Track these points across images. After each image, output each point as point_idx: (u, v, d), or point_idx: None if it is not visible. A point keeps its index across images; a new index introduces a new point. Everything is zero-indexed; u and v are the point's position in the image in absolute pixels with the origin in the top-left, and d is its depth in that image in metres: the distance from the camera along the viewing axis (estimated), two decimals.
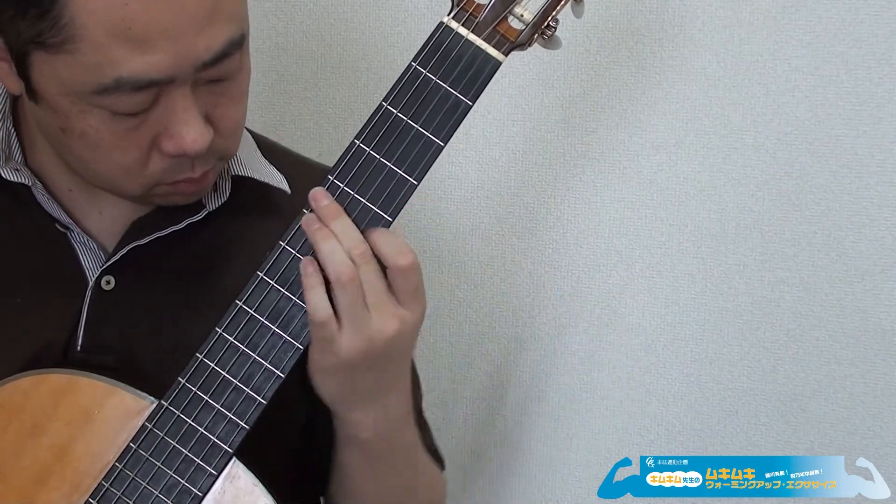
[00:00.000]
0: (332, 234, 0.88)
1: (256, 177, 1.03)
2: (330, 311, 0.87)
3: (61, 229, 0.99)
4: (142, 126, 0.88)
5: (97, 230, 1.00)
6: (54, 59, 0.84)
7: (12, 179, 0.98)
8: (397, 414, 0.96)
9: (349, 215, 0.89)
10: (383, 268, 0.89)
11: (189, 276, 1.01)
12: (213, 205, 1.01)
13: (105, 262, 0.98)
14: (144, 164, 0.91)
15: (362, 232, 0.89)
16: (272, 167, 1.06)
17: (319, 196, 0.89)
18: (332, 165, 1.11)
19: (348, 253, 0.87)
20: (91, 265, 0.99)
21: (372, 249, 0.88)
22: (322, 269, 0.88)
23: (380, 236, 0.88)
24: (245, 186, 1.02)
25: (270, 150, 1.08)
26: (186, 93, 0.87)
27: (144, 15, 0.82)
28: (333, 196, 0.90)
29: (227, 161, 0.99)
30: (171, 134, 0.89)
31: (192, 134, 0.89)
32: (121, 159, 0.91)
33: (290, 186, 1.05)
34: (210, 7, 0.84)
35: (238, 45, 0.88)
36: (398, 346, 0.90)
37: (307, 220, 0.89)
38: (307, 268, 0.88)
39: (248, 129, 1.08)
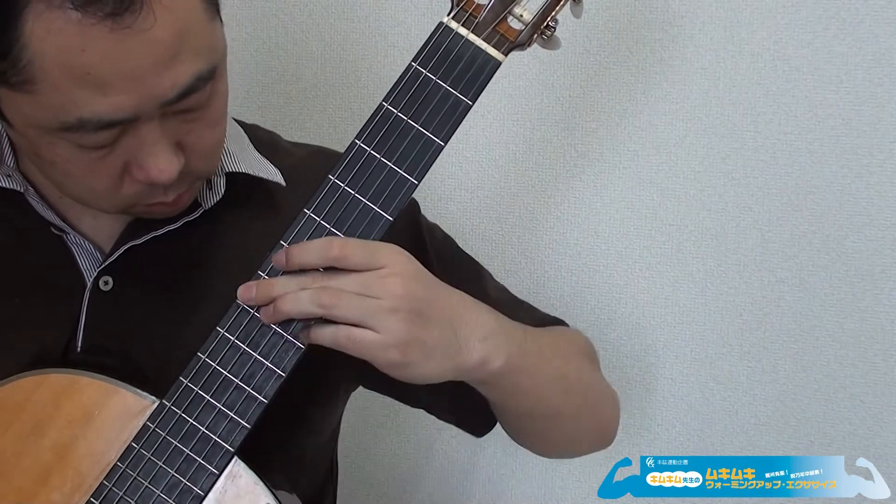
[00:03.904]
0: (283, 296, 0.87)
1: (250, 172, 1.02)
2: (354, 333, 0.87)
3: (57, 232, 0.99)
4: (110, 156, 0.88)
5: (93, 232, 1.00)
6: (17, 97, 0.84)
7: (4, 185, 0.98)
8: (491, 321, 0.94)
9: (350, 215, 0.90)
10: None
11: (186, 274, 1.01)
12: (208, 203, 1.00)
13: (102, 263, 0.98)
14: (117, 189, 0.91)
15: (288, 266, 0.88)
16: (266, 160, 1.05)
17: (244, 294, 0.89)
18: (321, 147, 1.12)
19: (306, 289, 0.87)
20: (88, 267, 0.99)
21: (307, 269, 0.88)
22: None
23: (296, 255, 0.88)
24: (239, 182, 1.02)
25: (262, 143, 1.08)
26: (154, 126, 0.87)
27: (103, 60, 0.81)
28: (334, 197, 0.90)
29: (206, 178, 0.99)
30: (139, 164, 0.88)
31: (159, 165, 0.88)
32: (92, 185, 0.90)
33: (284, 178, 1.04)
34: (172, 46, 0.83)
35: (206, 78, 0.87)
36: (418, 288, 0.88)
37: (264, 313, 0.89)
38: (312, 335, 0.88)
39: (238, 122, 1.08)
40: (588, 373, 1.09)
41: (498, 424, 1.13)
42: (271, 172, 1.04)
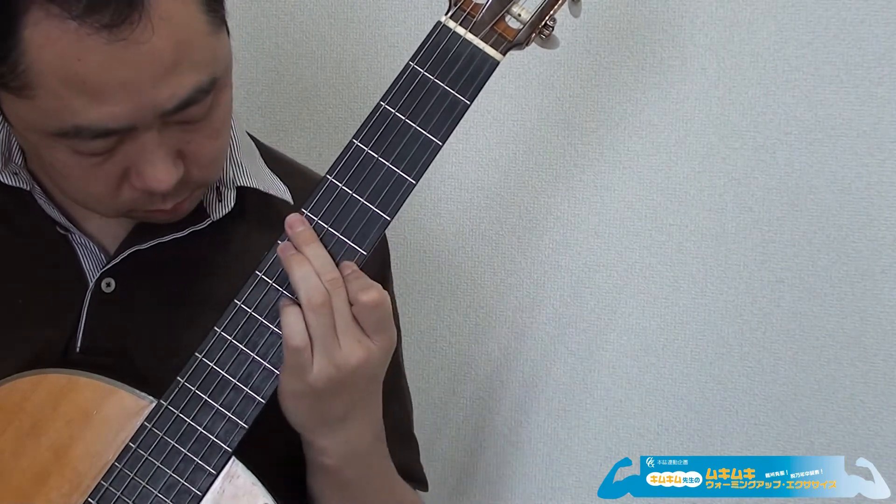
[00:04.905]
0: (306, 259, 0.88)
1: (261, 187, 1.03)
2: (307, 337, 0.88)
3: (62, 231, 0.99)
4: (108, 162, 0.88)
5: (98, 233, 1.00)
6: (16, 101, 0.84)
7: (11, 183, 0.98)
8: (364, 441, 0.97)
9: (348, 214, 0.90)
10: None
11: (189, 283, 1.01)
12: (216, 214, 1.01)
13: (105, 265, 0.98)
14: (115, 195, 0.91)
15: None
16: (276, 178, 1.06)
17: (295, 222, 0.90)
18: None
19: (320, 278, 0.88)
20: (91, 267, 0.99)
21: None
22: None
23: (345, 273, 0.89)
24: (249, 196, 1.02)
25: (273, 160, 1.08)
26: (153, 135, 0.87)
27: (99, 70, 0.81)
28: (332, 196, 0.90)
29: (207, 188, 0.99)
30: (138, 172, 0.88)
31: (158, 174, 0.88)
32: (90, 189, 0.91)
33: (293, 197, 1.05)
34: (171, 58, 0.83)
35: (206, 91, 0.87)
36: (365, 375, 0.91)
37: (283, 247, 0.89)
38: (284, 300, 0.89)
39: (252, 138, 1.08)
40: None
41: None
42: (280, 189, 1.05)
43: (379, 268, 1.03)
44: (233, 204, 1.01)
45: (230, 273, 1.00)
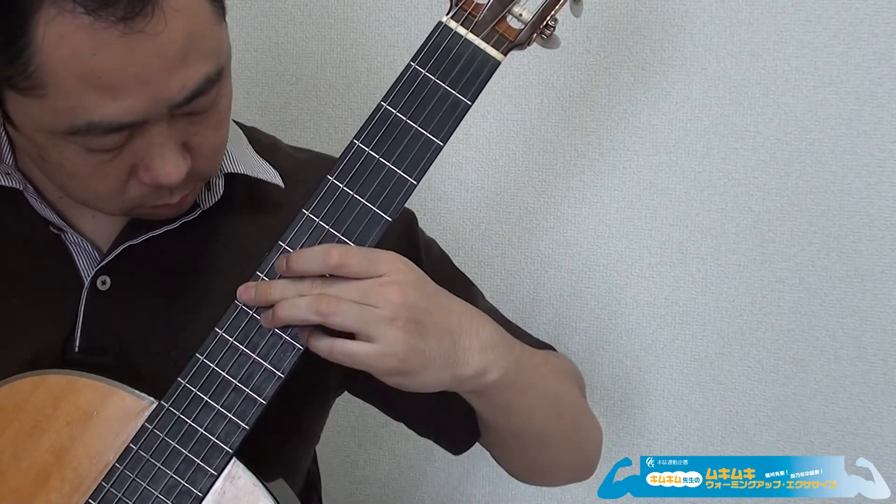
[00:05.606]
0: (281, 303, 0.87)
1: (249, 173, 1.02)
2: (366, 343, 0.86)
3: (55, 231, 0.98)
4: (117, 158, 0.88)
5: (91, 231, 1.00)
6: (26, 101, 0.84)
7: (3, 184, 0.97)
8: (493, 334, 0.94)
9: (349, 215, 0.89)
10: None
11: (184, 274, 1.01)
12: (206, 204, 1.00)
13: (99, 263, 0.98)
14: (122, 192, 0.91)
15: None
16: (264, 161, 1.05)
17: (244, 294, 0.89)
18: (323, 154, 1.12)
19: (304, 296, 0.87)
20: (86, 266, 0.99)
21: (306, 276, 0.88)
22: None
23: (296, 261, 0.88)
24: (238, 183, 1.02)
25: (260, 144, 1.08)
26: (162, 128, 0.87)
27: (114, 63, 0.81)
28: (333, 197, 0.90)
29: (209, 179, 0.99)
30: (147, 166, 0.88)
31: (167, 167, 0.88)
32: (98, 187, 0.90)
33: (283, 180, 1.04)
34: (182, 49, 0.83)
35: (214, 80, 0.87)
36: (417, 298, 0.88)
37: (264, 318, 0.88)
38: (308, 341, 0.88)
39: (237, 123, 1.08)
40: (578, 400, 1.09)
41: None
42: (270, 174, 1.04)
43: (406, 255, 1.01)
44: (222, 192, 1.01)
45: (225, 262, 1.00)
